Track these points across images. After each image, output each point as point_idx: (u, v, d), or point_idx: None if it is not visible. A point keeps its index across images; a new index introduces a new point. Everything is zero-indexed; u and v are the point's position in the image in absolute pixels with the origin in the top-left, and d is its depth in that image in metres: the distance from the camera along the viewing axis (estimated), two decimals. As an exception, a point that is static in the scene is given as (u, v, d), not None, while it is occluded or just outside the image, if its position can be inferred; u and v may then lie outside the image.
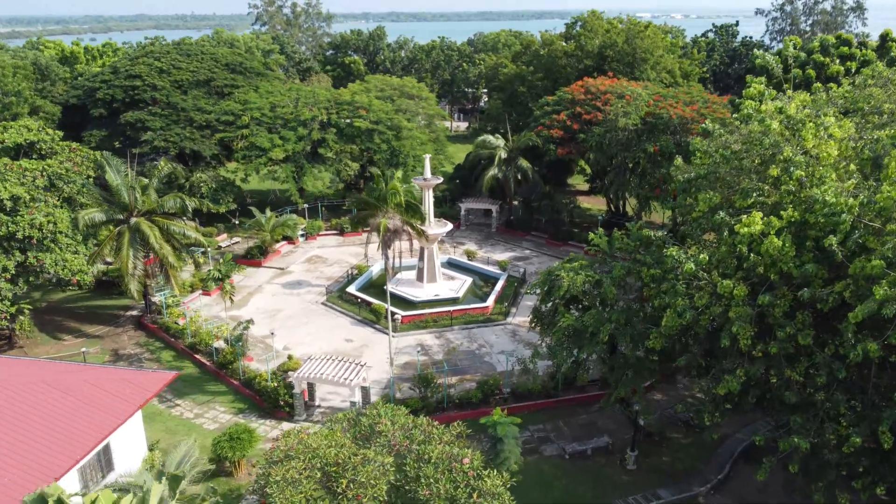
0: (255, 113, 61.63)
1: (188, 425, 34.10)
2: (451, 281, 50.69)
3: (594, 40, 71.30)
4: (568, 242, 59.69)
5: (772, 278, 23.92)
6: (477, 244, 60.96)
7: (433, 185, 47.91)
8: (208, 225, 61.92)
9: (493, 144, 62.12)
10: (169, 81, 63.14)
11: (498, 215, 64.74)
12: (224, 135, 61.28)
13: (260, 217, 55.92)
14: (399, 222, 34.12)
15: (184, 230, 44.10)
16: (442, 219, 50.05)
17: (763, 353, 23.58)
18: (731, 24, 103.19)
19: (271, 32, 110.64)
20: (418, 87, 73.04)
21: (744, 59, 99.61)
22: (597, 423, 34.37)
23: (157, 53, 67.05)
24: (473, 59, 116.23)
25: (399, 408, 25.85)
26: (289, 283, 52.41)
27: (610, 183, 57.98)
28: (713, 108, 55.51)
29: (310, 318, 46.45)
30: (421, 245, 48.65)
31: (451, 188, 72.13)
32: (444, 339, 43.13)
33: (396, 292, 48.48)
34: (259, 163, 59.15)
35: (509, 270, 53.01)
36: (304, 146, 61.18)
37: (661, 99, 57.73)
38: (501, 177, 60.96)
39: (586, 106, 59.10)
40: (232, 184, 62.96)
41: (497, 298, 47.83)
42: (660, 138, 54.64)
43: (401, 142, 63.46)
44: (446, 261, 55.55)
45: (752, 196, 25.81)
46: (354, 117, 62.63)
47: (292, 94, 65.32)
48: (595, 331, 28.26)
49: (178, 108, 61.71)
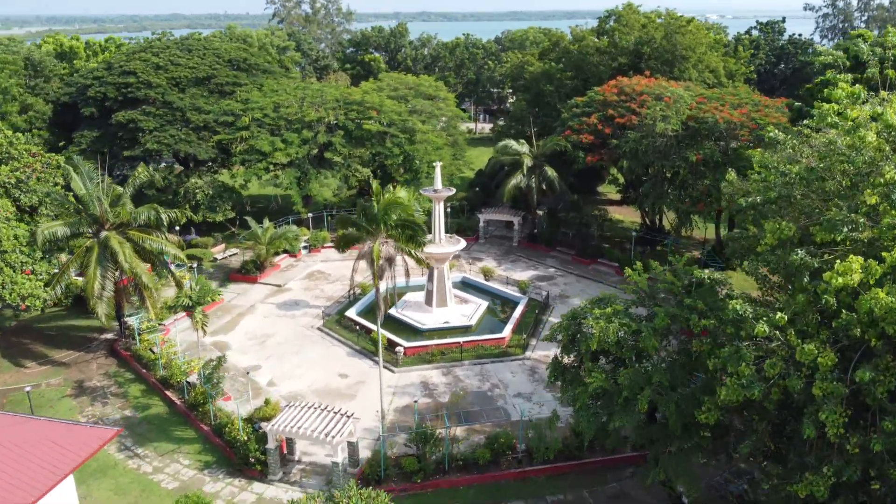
0: (257, 113, 56.62)
1: (143, 483, 28.90)
2: (463, 305, 45.02)
3: (630, 36, 64.91)
4: (597, 260, 53.59)
5: (872, 344, 17.87)
6: (496, 260, 55.16)
7: (444, 197, 42.33)
8: (206, 234, 57.17)
9: (515, 150, 56.28)
10: (166, 79, 58.45)
11: (520, 228, 58.84)
12: (223, 137, 56.40)
13: (256, 228, 50.81)
14: (393, 249, 28.52)
15: (162, 245, 39.10)
16: (454, 236, 44.37)
17: (860, 447, 17.53)
18: (777, 20, 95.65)
19: (288, 29, 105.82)
20: (436, 87, 67.48)
21: (791, 59, 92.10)
22: (630, 495, 28.40)
23: (157, 49, 62.47)
24: (500, 57, 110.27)
25: (378, 494, 20.40)
26: (285, 303, 47.23)
27: (645, 195, 51.73)
28: (765, 111, 48.98)
29: (303, 345, 41.15)
30: (430, 265, 43.10)
31: (471, 196, 66.52)
32: (453, 377, 37.45)
33: (401, 317, 43.01)
34: (259, 168, 54.11)
35: (530, 292, 47.17)
36: (308, 150, 56.02)
37: (705, 101, 51.34)
38: (524, 186, 55.07)
39: (620, 108, 52.95)
40: (231, 189, 58.06)
41: (515, 327, 42.03)
42: (703, 146, 48.34)
43: (414, 146, 57.95)
44: (460, 280, 49.94)
45: (840, 230, 19.69)
46: (364, 119, 57.26)
47: (298, 93, 60.21)
48: (631, 396, 22.37)
49: (173, 108, 56.97)
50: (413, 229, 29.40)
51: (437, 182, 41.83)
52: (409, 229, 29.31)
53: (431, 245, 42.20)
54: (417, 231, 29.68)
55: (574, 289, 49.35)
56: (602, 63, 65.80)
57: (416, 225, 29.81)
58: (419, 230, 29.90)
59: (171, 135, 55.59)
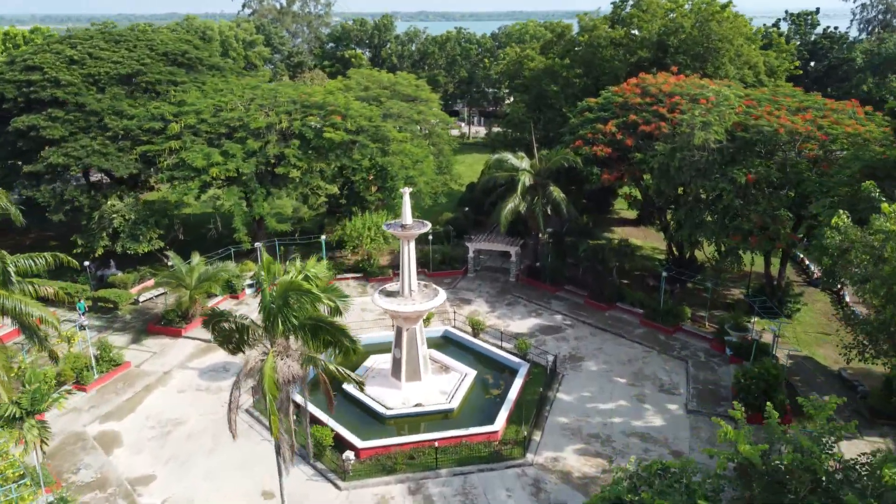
0: (191, 118, 45.41)
1: None
2: (443, 375, 33.94)
3: (652, 24, 53.69)
4: (616, 305, 42.46)
5: None
6: (488, 303, 44.00)
7: (415, 236, 31.19)
8: (128, 268, 46.01)
9: (513, 165, 45.15)
10: (81, 75, 47.24)
11: (518, 259, 47.64)
12: (148, 147, 45.15)
13: (179, 265, 39.60)
14: (299, 367, 17.42)
15: (22, 306, 27.86)
16: (430, 285, 33.14)
17: None
18: (809, 11, 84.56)
19: (257, 21, 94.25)
20: (416, 86, 56.33)
21: (826, 55, 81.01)
22: None
23: (76, 40, 51.23)
24: (496, 54, 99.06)
25: None
26: (211, 368, 36.13)
27: (679, 223, 40.63)
28: (834, 117, 37.95)
29: (221, 439, 29.91)
30: (397, 325, 32.02)
31: (459, 217, 55.44)
32: (423, 498, 26.28)
33: (359, 398, 31.90)
34: (189, 187, 42.90)
35: (532, 354, 36.06)
36: (256, 164, 44.83)
37: (755, 104, 40.31)
38: (525, 210, 43.94)
39: (645, 113, 41.86)
40: (162, 212, 46.81)
41: (512, 412, 30.87)
42: (754, 162, 37.38)
43: (388, 158, 46.81)
44: (441, 334, 38.88)
45: None
46: (326, 125, 46.08)
47: (247, 94, 49.04)
48: None
49: (88, 112, 45.76)
50: (333, 333, 18.16)
51: (405, 215, 30.71)
52: (321, 330, 18.10)
53: (398, 300, 31.19)
54: (338, 336, 18.39)
55: (588, 346, 38.24)
56: (617, 58, 54.58)
57: (335, 328, 18.44)
58: (341, 335, 18.52)
59: (83, 145, 44.34)
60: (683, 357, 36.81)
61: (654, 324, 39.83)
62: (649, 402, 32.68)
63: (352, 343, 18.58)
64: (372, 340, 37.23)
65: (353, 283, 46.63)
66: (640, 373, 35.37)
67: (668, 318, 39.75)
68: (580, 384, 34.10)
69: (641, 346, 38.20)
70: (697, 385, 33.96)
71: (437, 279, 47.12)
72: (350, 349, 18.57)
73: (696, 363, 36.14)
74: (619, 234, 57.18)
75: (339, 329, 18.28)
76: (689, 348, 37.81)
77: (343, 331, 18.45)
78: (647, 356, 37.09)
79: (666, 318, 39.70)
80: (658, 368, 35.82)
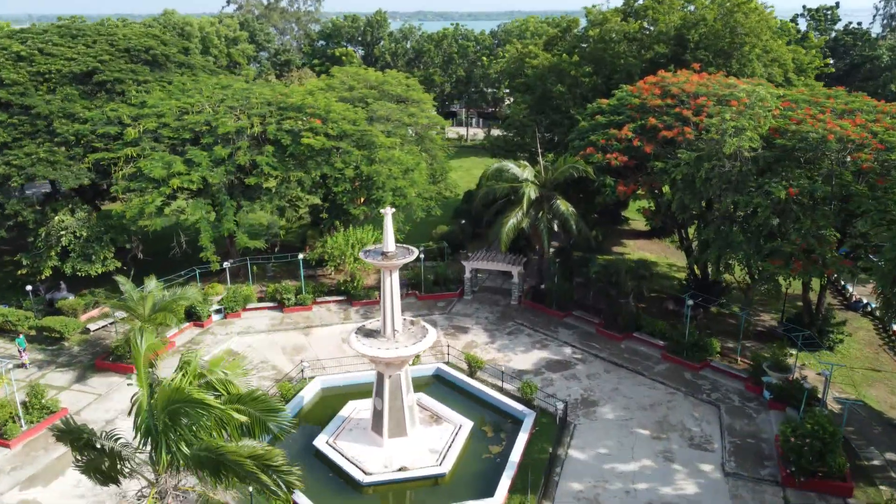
0: (151, 122, 40.15)
1: None
2: (433, 427, 28.68)
3: (670, 16, 48.37)
4: (632, 335, 37.16)
5: None
6: (487, 331, 38.71)
7: (399, 266, 25.90)
8: (83, 289, 40.83)
9: (514, 175, 39.89)
10: (28, 74, 41.98)
11: (521, 280, 42.35)
12: (102, 155, 39.88)
13: (131, 292, 34.14)
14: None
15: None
16: (419, 322, 27.82)
17: None
18: (829, 6, 79.30)
19: (241, 17, 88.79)
20: (407, 85, 51.03)
21: (848, 53, 75.78)
22: None
23: (27, 34, 45.97)
24: (496, 52, 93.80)
25: None
26: (163, 415, 30.75)
27: (705, 243, 35.34)
28: (888, 122, 32.69)
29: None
30: (378, 370, 26.78)
31: (455, 231, 50.23)
32: None
33: (332, 456, 26.65)
34: (147, 200, 37.63)
35: (538, 399, 30.77)
36: (224, 173, 39.60)
37: (794, 106, 35.09)
38: (528, 226, 38.70)
39: (667, 116, 36.59)
40: (120, 228, 41.53)
41: (515, 477, 25.57)
42: (794, 172, 32.17)
43: (374, 167, 41.56)
44: (433, 373, 33.61)
45: None
46: (304, 130, 40.83)
47: (217, 94, 43.80)
48: None
49: (34, 115, 40.51)
50: (247, 470, 12.51)
51: (387, 240, 25.46)
52: (234, 470, 12.56)
53: (379, 342, 25.98)
54: (258, 473, 12.80)
55: (603, 386, 32.94)
56: (631, 54, 49.21)
57: (253, 462, 12.49)
58: (263, 471, 12.69)
59: (28, 153, 39.10)
60: (714, 401, 31.51)
61: (678, 359, 34.57)
62: (679, 460, 27.41)
63: (279, 486, 12.61)
64: (351, 382, 32.18)
65: (335, 308, 41.41)
66: (664, 421, 30.08)
67: (693, 351, 34.48)
68: (595, 437, 28.82)
69: (665, 386, 32.90)
70: (734, 438, 28.68)
71: (430, 302, 42.05)
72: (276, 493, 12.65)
73: (729, 409, 30.85)
74: (632, 248, 51.99)
75: (261, 463, 12.49)
76: (720, 389, 32.52)
77: (267, 465, 12.56)
78: (672, 399, 31.81)
79: (691, 353, 34.43)
80: (686, 415, 30.54)
